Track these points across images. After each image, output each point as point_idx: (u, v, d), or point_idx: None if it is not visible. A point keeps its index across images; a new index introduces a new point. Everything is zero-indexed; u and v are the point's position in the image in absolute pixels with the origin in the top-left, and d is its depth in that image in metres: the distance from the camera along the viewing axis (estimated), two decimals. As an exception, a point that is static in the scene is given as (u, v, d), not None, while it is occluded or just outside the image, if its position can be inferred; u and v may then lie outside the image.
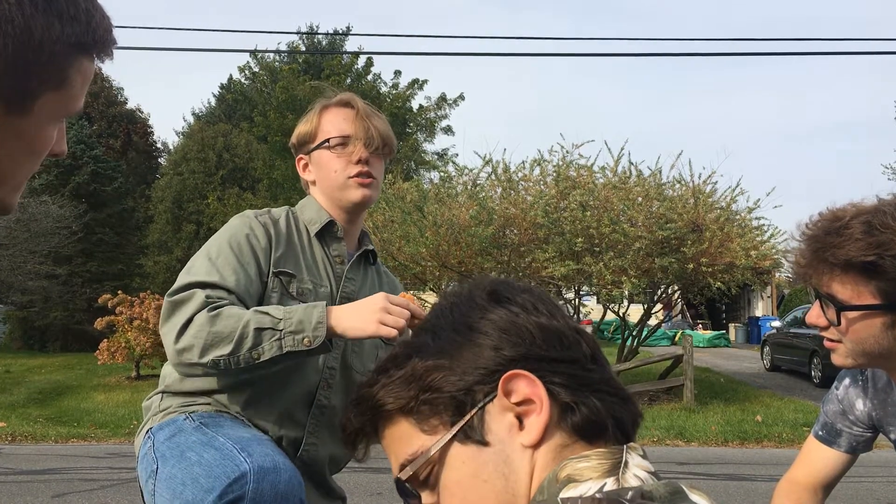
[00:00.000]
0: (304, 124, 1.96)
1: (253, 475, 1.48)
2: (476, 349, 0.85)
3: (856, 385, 1.77)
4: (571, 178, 12.89)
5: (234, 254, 1.77)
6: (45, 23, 0.79)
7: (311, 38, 33.39)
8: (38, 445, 10.35)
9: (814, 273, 1.48)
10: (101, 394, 15.03)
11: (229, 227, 1.85)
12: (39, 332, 25.78)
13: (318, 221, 1.93)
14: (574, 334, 0.87)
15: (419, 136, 32.48)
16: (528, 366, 0.83)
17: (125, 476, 7.59)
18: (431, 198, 13.11)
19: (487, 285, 0.92)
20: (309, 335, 1.62)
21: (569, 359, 0.85)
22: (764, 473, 7.80)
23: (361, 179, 1.89)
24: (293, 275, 1.83)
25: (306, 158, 1.97)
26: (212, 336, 1.61)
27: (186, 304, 1.67)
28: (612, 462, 0.81)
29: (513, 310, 0.87)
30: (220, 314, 1.63)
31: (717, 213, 12.74)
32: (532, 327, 0.86)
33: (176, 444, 1.65)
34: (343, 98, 1.95)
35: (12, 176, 0.86)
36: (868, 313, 1.45)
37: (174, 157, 30.49)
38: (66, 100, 0.85)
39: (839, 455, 1.80)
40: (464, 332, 0.87)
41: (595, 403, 0.84)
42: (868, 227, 1.41)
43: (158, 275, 25.95)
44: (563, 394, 0.83)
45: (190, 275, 1.74)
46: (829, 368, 14.18)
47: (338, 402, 1.89)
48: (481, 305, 0.88)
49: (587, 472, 0.80)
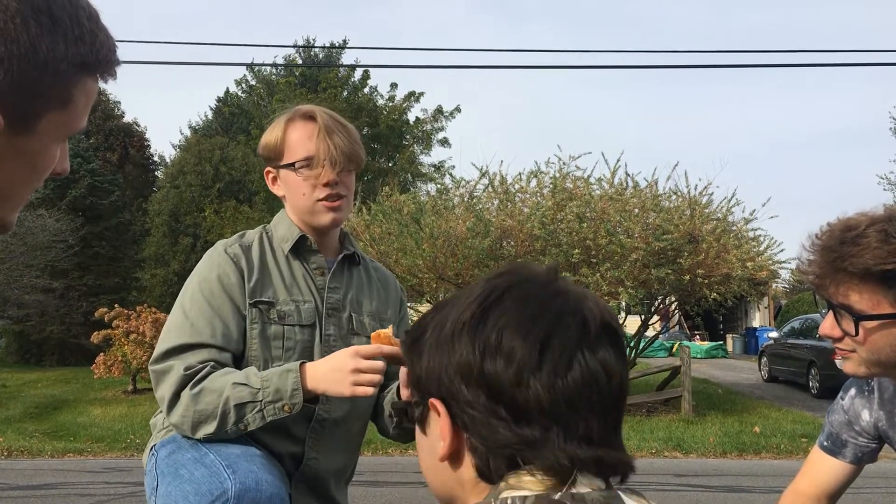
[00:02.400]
0: (269, 135, 1.92)
1: (234, 493, 1.52)
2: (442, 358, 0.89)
3: (862, 395, 1.76)
4: (568, 190, 12.91)
5: (206, 300, 1.79)
6: (51, 42, 0.80)
7: (308, 51, 33.50)
8: (35, 460, 10.29)
9: (830, 283, 1.46)
10: (97, 408, 14.97)
11: (199, 269, 1.86)
12: (36, 345, 25.69)
13: (290, 238, 1.92)
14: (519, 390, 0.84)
15: (416, 148, 32.53)
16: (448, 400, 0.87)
17: (122, 491, 7.55)
18: (428, 210, 13.12)
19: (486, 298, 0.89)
20: (287, 402, 1.67)
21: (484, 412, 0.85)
22: (762, 485, 7.78)
23: (330, 203, 1.87)
24: (271, 302, 1.84)
25: (274, 172, 1.94)
26: (197, 415, 1.68)
27: (168, 377, 1.73)
28: (559, 480, 0.83)
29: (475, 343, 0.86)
30: (202, 391, 1.68)
31: (714, 224, 12.76)
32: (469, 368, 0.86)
33: (173, 461, 1.69)
34: (306, 111, 1.90)
35: (14, 194, 0.87)
36: (887, 322, 1.43)
37: (171, 170, 30.50)
38: (69, 119, 0.86)
39: (844, 466, 1.79)
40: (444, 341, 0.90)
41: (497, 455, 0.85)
42: (885, 235, 1.40)
43: (155, 288, 25.90)
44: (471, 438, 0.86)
45: (167, 339, 1.78)
46: (827, 379, 14.18)
47: (338, 414, 1.89)
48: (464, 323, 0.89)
49: (531, 485, 0.82)
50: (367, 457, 9.85)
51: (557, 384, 0.82)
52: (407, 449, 10.46)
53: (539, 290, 0.87)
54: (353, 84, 31.73)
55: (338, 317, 1.92)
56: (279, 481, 1.62)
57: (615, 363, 0.86)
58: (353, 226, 13.53)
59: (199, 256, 1.92)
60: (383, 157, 31.66)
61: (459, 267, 12.39)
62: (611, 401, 0.85)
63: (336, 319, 1.91)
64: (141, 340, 14.73)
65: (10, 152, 0.82)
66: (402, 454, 10.30)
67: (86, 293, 25.01)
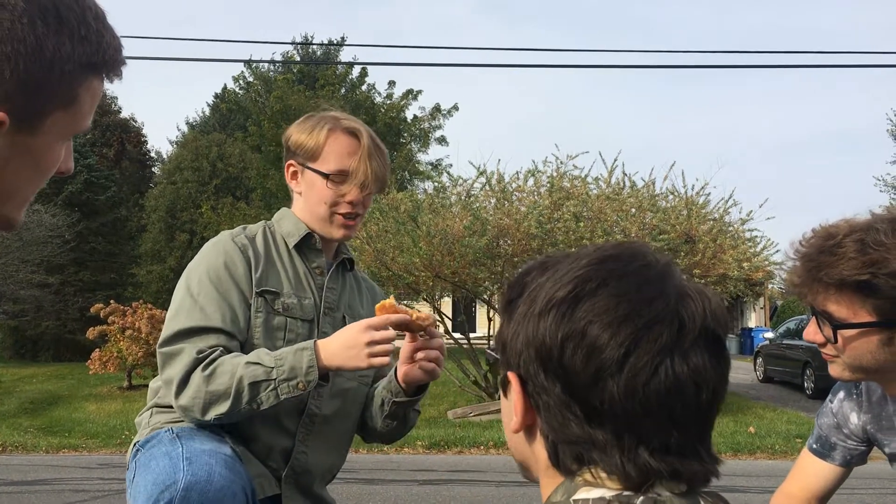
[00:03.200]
0: (306, 135, 1.92)
1: (183, 484, 1.54)
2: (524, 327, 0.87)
3: (850, 398, 1.77)
4: (565, 189, 12.92)
5: (213, 286, 1.79)
6: (57, 42, 0.80)
7: (306, 48, 33.46)
8: (29, 456, 10.29)
9: (809, 291, 1.48)
10: (92, 404, 14.96)
11: (206, 255, 1.86)
12: (31, 341, 25.66)
13: (297, 234, 1.94)
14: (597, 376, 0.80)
15: (413, 146, 32.51)
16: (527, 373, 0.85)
17: (116, 487, 7.54)
18: (425, 208, 13.11)
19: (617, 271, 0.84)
20: (302, 380, 1.69)
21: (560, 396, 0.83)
22: (757, 485, 7.79)
23: (347, 221, 1.92)
24: (276, 292, 1.85)
25: (297, 168, 1.95)
26: (209, 395, 1.69)
27: (178, 358, 1.73)
28: (630, 482, 0.81)
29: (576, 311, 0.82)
30: (214, 372, 1.69)
31: (710, 225, 12.78)
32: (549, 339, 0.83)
33: (149, 454, 1.72)
34: (352, 127, 1.92)
35: (18, 192, 0.87)
36: (864, 331, 1.45)
37: (168, 166, 30.47)
38: (74, 118, 0.86)
39: (833, 468, 1.80)
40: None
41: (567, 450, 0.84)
42: (861, 245, 1.40)
43: (151, 284, 25.88)
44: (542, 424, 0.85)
45: (176, 321, 1.78)
46: (822, 380, 14.20)
47: (328, 410, 1.91)
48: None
49: (608, 482, 0.81)
50: (363, 455, 9.85)
51: (637, 391, 0.78)
52: (402, 447, 10.47)
53: (637, 289, 0.82)
54: (351, 81, 31.67)
55: (333, 316, 1.95)
56: (237, 477, 1.62)
57: (710, 371, 0.81)
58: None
59: (196, 253, 1.92)
60: (381, 155, 31.58)
61: (456, 265, 12.39)
62: (698, 411, 0.81)
63: (331, 318, 1.94)
64: (137, 336, 14.72)
65: (15, 151, 0.83)
66: (398, 452, 10.31)
67: (82, 289, 24.98)
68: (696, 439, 0.82)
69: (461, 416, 12.64)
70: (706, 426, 0.83)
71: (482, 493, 7.50)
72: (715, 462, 0.84)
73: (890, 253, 1.38)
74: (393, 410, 1.92)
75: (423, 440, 10.69)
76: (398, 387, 1.88)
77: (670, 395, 0.79)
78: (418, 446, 10.55)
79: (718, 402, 0.83)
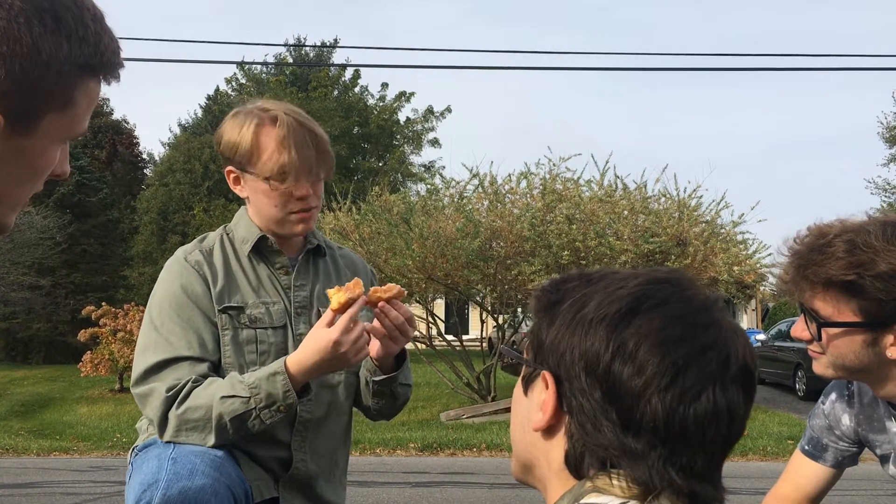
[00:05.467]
0: (234, 134, 1.81)
1: (165, 481, 1.55)
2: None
3: (842, 400, 1.77)
4: (558, 192, 12.95)
5: (174, 312, 1.76)
6: (54, 43, 0.79)
7: (299, 50, 33.44)
8: (20, 459, 10.23)
9: (797, 289, 1.50)
10: (83, 406, 14.90)
11: (162, 281, 1.82)
12: (22, 343, 25.55)
13: (250, 240, 1.87)
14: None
15: (406, 148, 32.52)
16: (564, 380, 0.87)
17: (108, 490, 7.51)
18: (418, 210, 13.11)
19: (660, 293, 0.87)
20: (282, 404, 1.67)
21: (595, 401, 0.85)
22: (749, 487, 7.81)
23: (303, 215, 1.83)
24: (240, 307, 1.80)
25: (237, 173, 1.85)
26: (191, 427, 1.69)
27: (150, 400, 1.72)
28: (646, 491, 0.82)
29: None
30: (187, 409, 1.68)
31: (702, 227, 12.82)
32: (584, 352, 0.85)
33: (143, 458, 1.73)
34: (273, 115, 1.80)
35: (11, 195, 0.86)
36: (849, 330, 1.46)
37: (160, 168, 30.42)
38: (70, 120, 0.86)
39: (825, 470, 1.81)
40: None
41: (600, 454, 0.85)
42: (851, 245, 1.41)
43: (143, 286, 25.80)
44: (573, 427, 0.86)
45: (144, 359, 1.75)
46: (814, 381, 14.25)
47: (320, 411, 1.88)
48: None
49: (617, 490, 0.82)
50: (355, 457, 9.84)
51: (679, 410, 0.81)
52: (395, 449, 10.47)
53: (693, 315, 0.85)
54: (344, 83, 31.69)
55: (307, 314, 1.89)
56: (223, 476, 1.62)
57: (742, 407, 0.85)
58: (343, 225, 13.52)
59: None
60: (373, 157, 31.64)
61: (449, 268, 12.39)
62: (725, 441, 0.85)
63: (306, 318, 1.88)
64: (128, 339, 14.67)
65: (10, 152, 0.82)
66: (390, 454, 10.30)
67: (73, 291, 24.90)
68: (716, 465, 0.86)
69: (454, 419, 12.63)
70: (724, 456, 0.87)
71: (475, 495, 7.50)
72: (723, 490, 0.87)
73: (878, 255, 1.39)
74: (377, 389, 1.88)
75: (416, 442, 10.69)
76: (373, 365, 1.85)
77: (708, 422, 0.82)
78: (411, 448, 10.54)
79: (741, 435, 0.87)
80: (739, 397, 0.84)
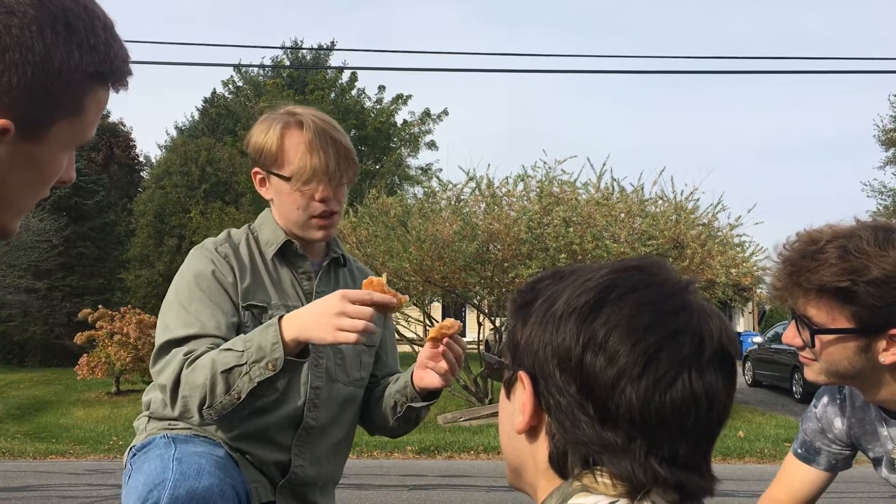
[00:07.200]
0: (262, 136, 1.85)
1: (172, 481, 1.54)
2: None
3: (834, 403, 1.78)
4: (555, 194, 12.96)
5: (206, 296, 1.75)
6: (65, 51, 0.80)
7: (296, 52, 33.43)
8: (16, 462, 10.21)
9: (789, 295, 1.49)
10: (80, 409, 14.87)
11: (193, 264, 1.82)
12: (18, 346, 25.50)
13: (275, 243, 1.89)
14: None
15: (403, 150, 32.52)
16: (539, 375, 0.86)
17: (104, 493, 7.51)
18: (415, 213, 13.13)
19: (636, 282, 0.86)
20: (269, 359, 1.58)
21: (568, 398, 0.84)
22: (746, 489, 7.81)
23: (322, 221, 1.85)
24: (263, 306, 1.81)
25: (264, 175, 1.89)
26: (194, 393, 1.63)
27: (170, 365, 1.68)
28: (633, 488, 0.81)
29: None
30: (195, 367, 1.63)
31: (699, 230, 12.84)
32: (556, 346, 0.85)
33: (144, 457, 1.72)
34: (300, 119, 1.84)
35: (18, 201, 0.87)
36: (842, 337, 1.45)
37: (157, 170, 30.38)
38: (79, 128, 0.86)
39: (818, 473, 1.81)
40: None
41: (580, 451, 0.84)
42: (843, 251, 1.41)
43: (140, 289, 25.76)
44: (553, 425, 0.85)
45: (170, 331, 1.72)
46: (810, 384, 14.21)
47: (325, 419, 1.88)
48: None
49: (605, 490, 0.82)
50: (352, 460, 9.80)
51: (654, 398, 0.79)
52: (392, 452, 10.46)
53: (663, 300, 0.83)
54: (341, 86, 31.69)
55: None
56: (228, 476, 1.62)
57: (721, 390, 0.83)
58: (340, 228, 13.50)
59: (185, 258, 1.89)
60: (370, 160, 31.63)
61: (446, 270, 12.40)
62: (707, 427, 0.83)
63: None
64: (125, 342, 14.66)
65: (19, 159, 0.82)
66: (387, 457, 10.29)
67: (69, 294, 24.87)
68: (701, 455, 0.84)
69: (451, 421, 12.63)
70: (710, 443, 0.85)
71: (472, 498, 7.50)
72: (713, 480, 0.85)
73: (871, 261, 1.39)
74: (406, 413, 1.89)
75: (413, 445, 10.68)
76: (413, 392, 1.84)
77: (685, 408, 0.80)
78: (408, 451, 10.54)
79: (724, 421, 0.85)
80: (718, 381, 0.82)
